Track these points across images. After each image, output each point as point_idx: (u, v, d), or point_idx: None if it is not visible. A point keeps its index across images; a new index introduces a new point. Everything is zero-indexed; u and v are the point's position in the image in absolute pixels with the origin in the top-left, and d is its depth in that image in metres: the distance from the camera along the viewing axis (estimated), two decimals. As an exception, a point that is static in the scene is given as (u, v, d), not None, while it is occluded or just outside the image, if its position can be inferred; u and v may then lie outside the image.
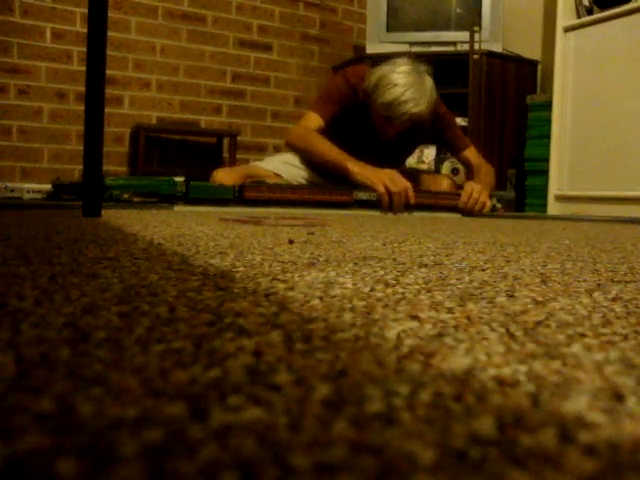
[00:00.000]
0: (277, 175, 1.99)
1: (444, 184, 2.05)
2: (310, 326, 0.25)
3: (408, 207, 1.75)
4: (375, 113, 1.83)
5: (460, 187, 2.10)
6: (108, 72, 1.15)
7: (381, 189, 1.71)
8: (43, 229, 0.75)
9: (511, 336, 0.25)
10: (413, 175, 2.03)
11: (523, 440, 0.14)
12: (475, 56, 2.47)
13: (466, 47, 2.51)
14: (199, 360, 0.20)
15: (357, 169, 1.73)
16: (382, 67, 1.82)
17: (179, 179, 1.67)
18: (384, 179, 1.72)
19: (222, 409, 0.16)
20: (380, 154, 1.92)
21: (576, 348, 0.23)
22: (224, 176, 1.91)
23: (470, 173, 2.02)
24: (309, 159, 1.89)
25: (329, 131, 1.86)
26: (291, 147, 1.92)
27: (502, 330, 0.26)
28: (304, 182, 1.99)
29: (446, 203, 1.88)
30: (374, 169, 1.75)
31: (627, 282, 0.42)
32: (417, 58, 1.90)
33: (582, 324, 0.28)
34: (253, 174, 1.97)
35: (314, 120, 1.85)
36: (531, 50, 2.90)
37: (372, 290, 0.35)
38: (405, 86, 1.75)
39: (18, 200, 1.74)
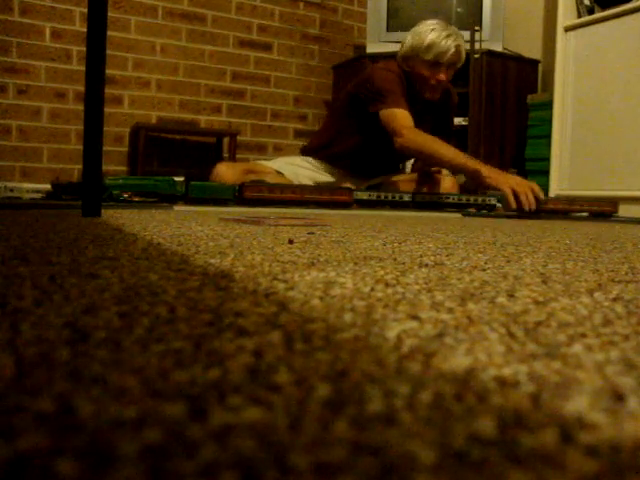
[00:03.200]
0: (279, 173, 2.00)
1: (447, 184, 2.06)
2: (310, 326, 0.25)
3: (537, 212, 1.78)
4: (420, 69, 1.92)
5: (461, 187, 2.11)
6: (108, 72, 1.15)
7: (508, 190, 1.77)
8: (43, 229, 0.75)
9: (512, 336, 0.25)
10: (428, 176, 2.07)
11: (524, 440, 0.14)
12: (475, 55, 2.47)
13: (467, 46, 2.51)
14: (199, 360, 0.20)
15: (487, 172, 1.79)
16: (410, 33, 1.96)
17: (179, 179, 1.67)
18: (511, 182, 1.78)
19: (222, 409, 0.16)
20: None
21: (577, 348, 0.23)
22: (226, 170, 1.93)
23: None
24: (426, 159, 1.94)
25: (372, 123, 1.92)
26: (406, 149, 1.91)
27: (503, 330, 0.26)
28: (306, 181, 2.00)
29: (593, 209, 1.95)
30: (502, 173, 1.82)
31: (628, 282, 0.42)
32: None
33: (583, 324, 0.28)
34: (254, 170, 1.99)
35: (406, 117, 1.89)
36: (532, 49, 2.90)
37: (372, 290, 0.35)
38: (440, 29, 1.91)
39: (17, 200, 1.74)
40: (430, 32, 1.89)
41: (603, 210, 1.98)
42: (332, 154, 2.08)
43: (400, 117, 1.89)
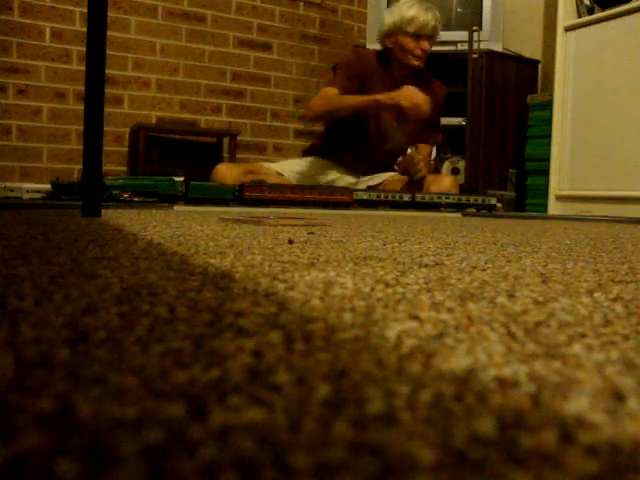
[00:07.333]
0: (279, 174, 2.02)
1: (446, 182, 2.06)
2: (310, 326, 0.25)
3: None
4: (403, 42, 2.07)
5: (461, 186, 2.12)
6: (108, 72, 1.15)
7: (407, 104, 1.93)
8: (43, 229, 0.75)
9: (512, 336, 0.25)
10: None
11: (524, 440, 0.14)
12: (474, 55, 2.47)
13: (467, 47, 2.51)
14: (199, 360, 0.20)
15: (384, 96, 1.97)
16: (388, 12, 2.14)
17: (179, 179, 1.67)
18: (405, 93, 1.95)
19: (222, 409, 0.16)
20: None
21: (577, 348, 0.23)
22: (227, 170, 1.97)
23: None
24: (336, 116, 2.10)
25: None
26: (315, 116, 2.12)
27: (503, 330, 0.26)
28: (305, 181, 2.03)
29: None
30: (399, 90, 1.97)
31: (628, 282, 0.42)
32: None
33: (583, 324, 0.28)
34: (255, 171, 2.02)
35: (330, 91, 2.04)
36: (532, 49, 2.90)
37: (372, 290, 0.35)
38: (418, 4, 2.08)
39: (17, 200, 1.74)
40: (409, 8, 2.07)
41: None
42: (330, 147, 2.17)
43: (325, 91, 2.06)
